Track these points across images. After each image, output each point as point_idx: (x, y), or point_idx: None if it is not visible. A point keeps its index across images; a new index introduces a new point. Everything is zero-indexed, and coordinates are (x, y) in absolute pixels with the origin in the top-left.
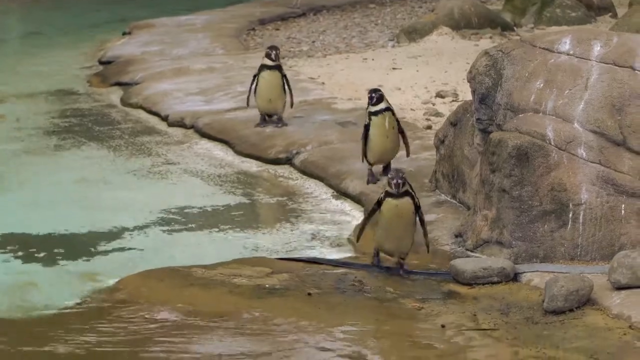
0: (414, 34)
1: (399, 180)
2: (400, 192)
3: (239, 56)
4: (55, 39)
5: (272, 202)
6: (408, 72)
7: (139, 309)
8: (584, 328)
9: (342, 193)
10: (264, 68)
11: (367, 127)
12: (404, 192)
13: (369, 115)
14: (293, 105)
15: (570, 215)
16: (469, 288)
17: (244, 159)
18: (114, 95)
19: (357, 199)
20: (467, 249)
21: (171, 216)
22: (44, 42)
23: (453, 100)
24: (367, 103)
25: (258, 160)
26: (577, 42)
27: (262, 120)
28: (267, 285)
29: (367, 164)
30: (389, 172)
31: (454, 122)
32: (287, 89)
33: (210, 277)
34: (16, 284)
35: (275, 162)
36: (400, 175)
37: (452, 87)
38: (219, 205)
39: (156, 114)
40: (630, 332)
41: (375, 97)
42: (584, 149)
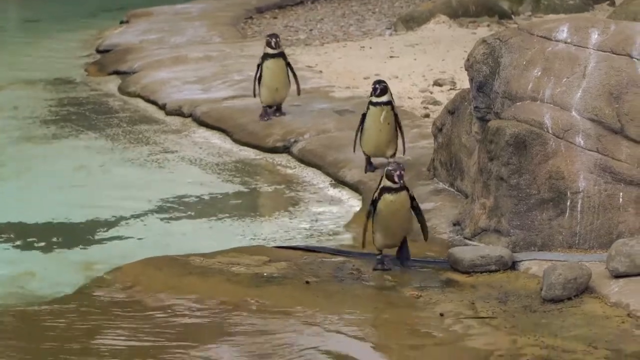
0: (411, 22)
1: (401, 172)
2: (402, 184)
3: (236, 44)
4: (53, 27)
5: (270, 190)
6: (406, 61)
7: (137, 298)
8: (582, 316)
9: (340, 181)
10: (267, 57)
11: (363, 116)
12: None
13: (368, 105)
14: (300, 93)
15: (568, 203)
16: (467, 276)
17: (242, 147)
18: (111, 84)
19: (354, 187)
20: (465, 237)
21: (169, 205)
22: (42, 30)
23: (451, 89)
24: (370, 93)
25: (256, 149)
26: (574, 30)
27: (265, 113)
28: (265, 274)
29: (363, 154)
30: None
31: (451, 111)
32: (293, 76)
33: (209, 265)
34: (14, 272)
35: (273, 150)
36: (402, 167)
37: (449, 75)
38: (217, 194)
39: (154, 103)
40: (628, 320)
41: (379, 88)
42: (582, 137)
